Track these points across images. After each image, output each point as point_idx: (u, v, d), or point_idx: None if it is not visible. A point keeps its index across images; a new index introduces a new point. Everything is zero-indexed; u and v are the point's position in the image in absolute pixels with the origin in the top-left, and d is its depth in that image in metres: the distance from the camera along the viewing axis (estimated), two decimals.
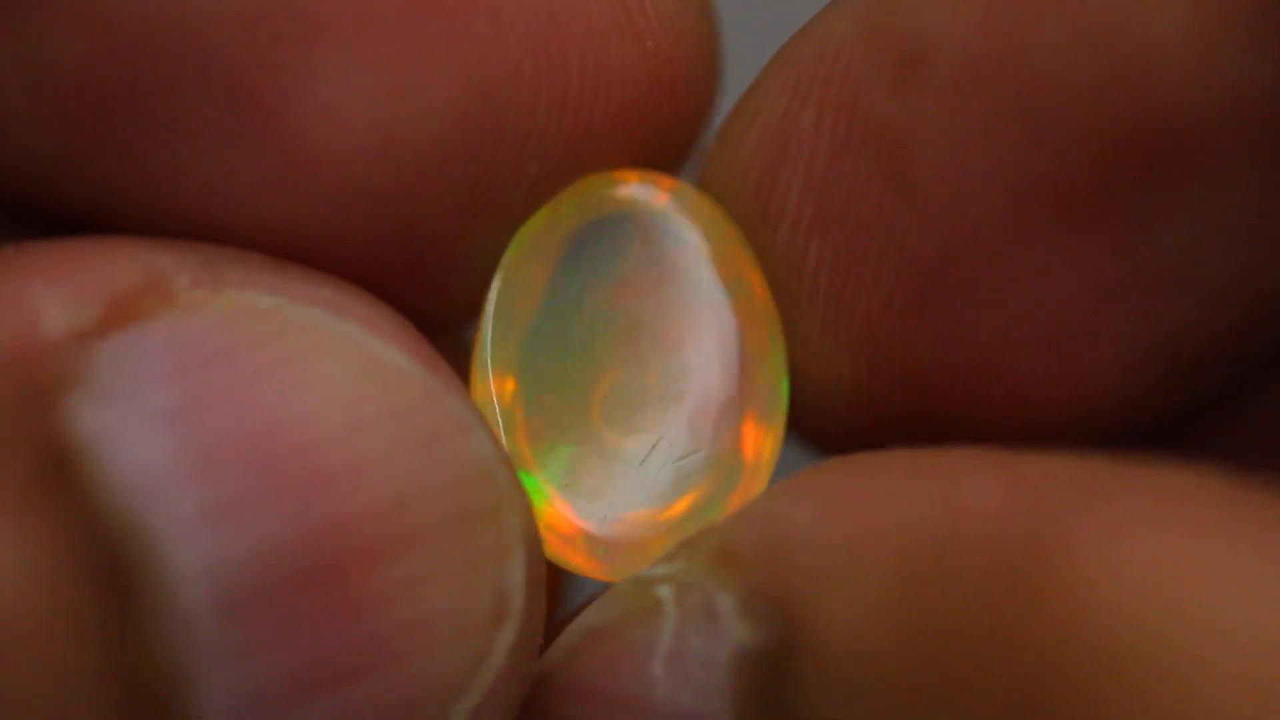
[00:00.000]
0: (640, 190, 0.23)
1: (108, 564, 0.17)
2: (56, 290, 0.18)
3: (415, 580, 0.18)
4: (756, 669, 0.19)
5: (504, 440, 0.22)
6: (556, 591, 0.25)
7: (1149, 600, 0.17)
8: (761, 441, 0.22)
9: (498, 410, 0.22)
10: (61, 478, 0.17)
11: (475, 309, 0.22)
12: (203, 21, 0.19)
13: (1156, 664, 0.17)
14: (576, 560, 0.22)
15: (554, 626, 0.21)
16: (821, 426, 0.23)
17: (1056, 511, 0.18)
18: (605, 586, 0.22)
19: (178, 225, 0.20)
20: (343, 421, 0.18)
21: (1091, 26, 0.21)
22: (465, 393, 0.20)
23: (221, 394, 0.18)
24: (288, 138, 0.20)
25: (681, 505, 0.22)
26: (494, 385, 0.22)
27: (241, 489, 0.17)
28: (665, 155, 0.23)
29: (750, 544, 0.20)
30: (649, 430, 0.22)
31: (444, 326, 0.23)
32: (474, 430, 0.19)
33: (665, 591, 0.20)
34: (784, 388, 0.23)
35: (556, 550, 0.22)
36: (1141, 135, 0.21)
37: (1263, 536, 0.18)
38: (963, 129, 0.21)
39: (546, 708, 0.20)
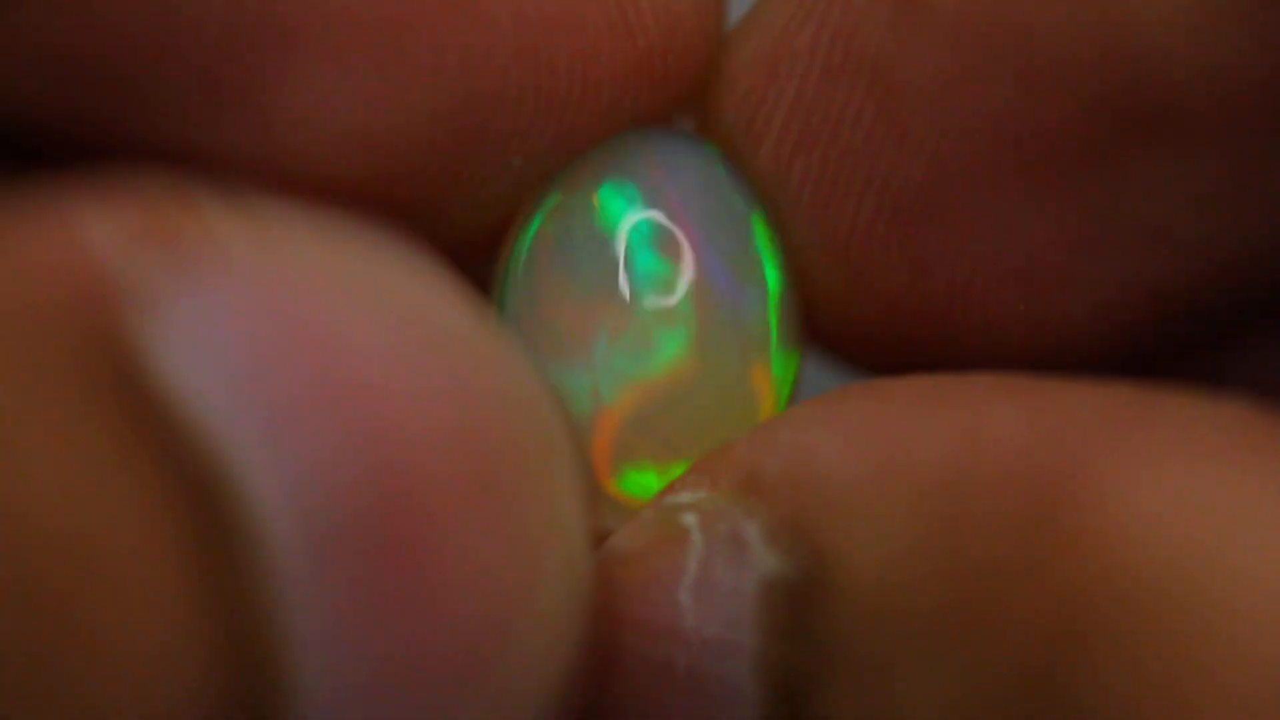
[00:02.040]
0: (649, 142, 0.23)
1: (195, 489, 0.17)
2: (104, 212, 0.17)
3: (473, 510, 0.18)
4: (783, 599, 0.19)
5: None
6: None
7: (1183, 542, 0.17)
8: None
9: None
10: (134, 397, 0.17)
11: None
12: (187, 25, 0.20)
13: (1191, 610, 0.17)
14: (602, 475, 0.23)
15: None
16: (821, 336, 0.24)
17: (1085, 445, 0.18)
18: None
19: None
20: (393, 346, 0.18)
21: None
22: (505, 334, 0.19)
23: (276, 313, 0.17)
24: (264, 134, 0.21)
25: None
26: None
27: (306, 399, 0.17)
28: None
29: (776, 473, 0.20)
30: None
31: None
32: (520, 365, 0.19)
33: (690, 519, 0.20)
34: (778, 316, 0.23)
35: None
36: (1128, 92, 0.21)
37: None
38: (954, 68, 0.22)
39: None
